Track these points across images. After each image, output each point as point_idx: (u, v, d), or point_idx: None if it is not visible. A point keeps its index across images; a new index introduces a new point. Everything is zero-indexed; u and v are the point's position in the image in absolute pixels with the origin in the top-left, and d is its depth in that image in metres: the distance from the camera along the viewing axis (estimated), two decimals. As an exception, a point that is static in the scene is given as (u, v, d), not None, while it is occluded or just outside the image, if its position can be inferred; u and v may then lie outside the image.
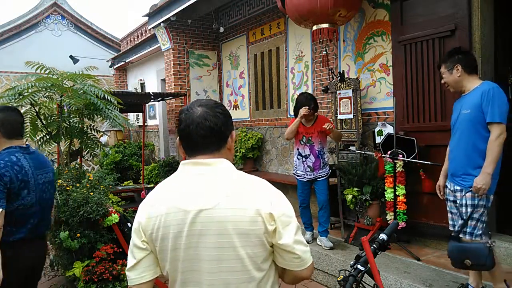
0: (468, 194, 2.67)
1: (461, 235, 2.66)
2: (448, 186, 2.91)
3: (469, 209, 2.66)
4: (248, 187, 1.25)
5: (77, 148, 5.11)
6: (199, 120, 1.25)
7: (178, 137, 1.32)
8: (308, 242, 4.40)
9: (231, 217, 1.19)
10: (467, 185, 2.69)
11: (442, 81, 2.90)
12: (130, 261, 1.28)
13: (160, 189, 1.30)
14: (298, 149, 4.31)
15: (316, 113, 4.27)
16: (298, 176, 4.36)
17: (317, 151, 4.25)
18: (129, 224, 3.88)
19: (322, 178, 4.27)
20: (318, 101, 5.75)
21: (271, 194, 1.26)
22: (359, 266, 1.85)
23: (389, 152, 4.04)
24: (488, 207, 2.70)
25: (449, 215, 2.96)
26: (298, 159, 4.31)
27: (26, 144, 2.52)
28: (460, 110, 2.78)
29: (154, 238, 1.24)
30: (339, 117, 5.02)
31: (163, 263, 1.26)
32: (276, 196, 1.27)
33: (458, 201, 2.77)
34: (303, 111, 4.08)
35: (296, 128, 4.18)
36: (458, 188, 2.77)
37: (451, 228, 2.94)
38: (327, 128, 4.04)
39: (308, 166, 4.24)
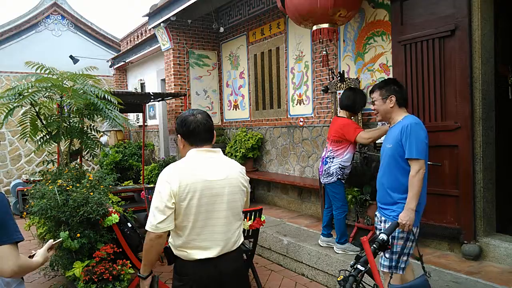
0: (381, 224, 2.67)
1: (393, 271, 2.64)
2: (378, 216, 2.85)
3: (398, 242, 2.63)
4: (234, 164, 2.12)
5: (77, 148, 5.11)
6: (205, 122, 2.04)
7: (181, 135, 2.06)
8: (355, 251, 4.05)
9: (235, 183, 2.03)
10: (392, 217, 2.67)
11: (372, 107, 2.84)
12: (160, 217, 1.89)
13: (180, 167, 1.97)
14: (353, 153, 4.14)
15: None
16: (344, 179, 4.16)
17: (324, 157, 4.16)
18: (129, 224, 3.88)
19: (327, 184, 4.15)
20: (318, 101, 5.77)
21: (242, 168, 2.16)
22: (359, 266, 1.85)
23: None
24: (414, 239, 2.66)
25: None
26: (350, 162, 4.14)
27: None
28: (386, 143, 2.78)
29: (182, 199, 1.91)
30: (339, 117, 5.02)
31: (187, 216, 1.93)
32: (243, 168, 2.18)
33: None
34: None
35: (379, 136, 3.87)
36: (384, 219, 2.74)
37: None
38: None
39: (350, 168, 4.15)
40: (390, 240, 2.43)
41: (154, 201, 1.92)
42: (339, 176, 4.06)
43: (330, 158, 4.10)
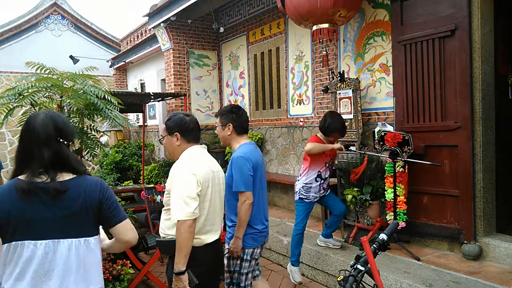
0: (225, 246, 2.82)
1: None
2: None
3: (234, 261, 2.75)
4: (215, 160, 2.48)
5: (77, 148, 5.10)
6: (196, 122, 2.40)
7: (180, 133, 2.32)
8: (296, 281, 3.99)
9: (222, 175, 2.44)
10: (227, 238, 2.82)
11: (216, 131, 2.96)
12: (195, 203, 2.12)
13: (195, 160, 2.25)
14: (319, 171, 3.95)
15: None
16: (308, 199, 3.98)
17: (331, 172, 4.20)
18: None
19: (329, 190, 4.16)
20: (318, 101, 5.78)
21: None
22: (359, 266, 1.85)
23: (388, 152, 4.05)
24: (252, 259, 2.76)
25: None
26: (317, 181, 3.96)
27: None
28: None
29: (204, 188, 2.21)
30: (339, 117, 5.02)
31: (204, 203, 2.22)
32: None
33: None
34: (339, 146, 3.91)
35: (324, 149, 3.88)
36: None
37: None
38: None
39: (323, 188, 4.03)
40: (227, 261, 2.78)
41: (183, 191, 2.11)
42: (301, 195, 3.98)
43: (298, 176, 4.09)
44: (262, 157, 2.95)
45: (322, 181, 4.00)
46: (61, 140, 1.69)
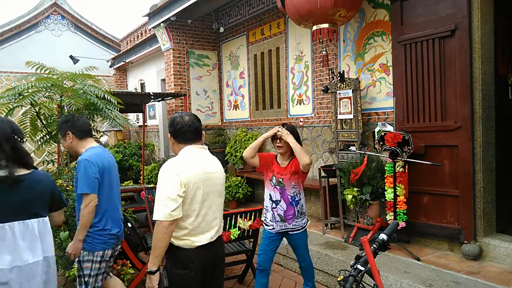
0: None
1: None
2: None
3: (85, 265, 2.84)
4: (217, 160, 2.42)
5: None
6: (190, 123, 2.28)
7: (170, 133, 2.31)
8: None
9: (222, 176, 2.38)
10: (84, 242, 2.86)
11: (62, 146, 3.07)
12: (173, 205, 2.07)
13: (183, 161, 2.21)
14: (269, 191, 3.34)
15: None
16: (266, 224, 3.36)
17: (289, 197, 3.25)
18: (129, 224, 3.87)
19: (297, 232, 3.29)
20: (318, 101, 5.77)
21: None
22: (359, 266, 1.85)
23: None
24: (103, 260, 2.87)
25: None
26: (269, 204, 3.32)
27: None
28: None
29: (191, 189, 2.15)
30: (339, 117, 5.02)
31: (192, 205, 2.17)
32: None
33: None
34: (277, 129, 3.28)
35: (259, 144, 3.31)
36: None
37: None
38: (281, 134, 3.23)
39: (278, 215, 3.25)
40: (78, 264, 2.86)
41: (163, 192, 2.10)
42: (263, 219, 3.47)
43: None
44: (113, 160, 2.99)
45: (273, 204, 3.28)
46: None
